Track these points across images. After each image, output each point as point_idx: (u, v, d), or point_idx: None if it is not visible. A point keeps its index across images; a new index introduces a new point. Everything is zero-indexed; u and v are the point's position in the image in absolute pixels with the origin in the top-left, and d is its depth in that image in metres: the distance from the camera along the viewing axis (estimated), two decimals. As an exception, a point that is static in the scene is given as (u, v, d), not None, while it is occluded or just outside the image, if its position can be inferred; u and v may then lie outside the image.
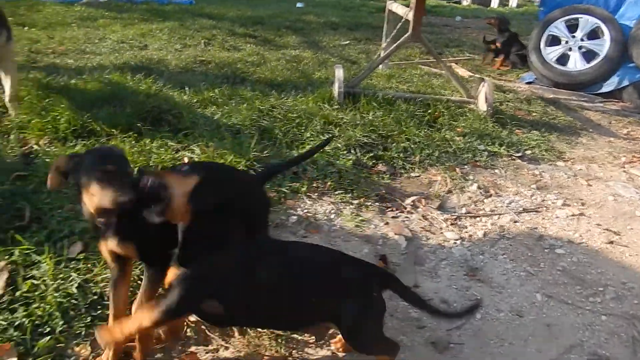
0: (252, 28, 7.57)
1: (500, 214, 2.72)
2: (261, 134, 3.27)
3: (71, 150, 2.71)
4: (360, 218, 2.60)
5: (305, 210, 2.60)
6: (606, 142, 4.05)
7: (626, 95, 5.18)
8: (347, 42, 7.27)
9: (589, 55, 5.43)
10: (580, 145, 3.89)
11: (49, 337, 1.57)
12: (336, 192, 2.80)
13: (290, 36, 7.29)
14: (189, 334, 1.73)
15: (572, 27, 5.59)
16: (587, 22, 5.46)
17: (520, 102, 4.72)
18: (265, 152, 3.01)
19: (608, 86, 5.27)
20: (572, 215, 2.76)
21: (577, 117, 4.61)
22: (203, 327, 1.76)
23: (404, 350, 1.76)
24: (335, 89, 4.04)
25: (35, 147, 2.74)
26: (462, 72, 5.69)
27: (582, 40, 5.49)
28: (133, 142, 2.95)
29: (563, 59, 5.58)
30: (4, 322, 1.58)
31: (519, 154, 3.49)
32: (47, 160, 2.56)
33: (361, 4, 12.69)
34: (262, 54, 5.86)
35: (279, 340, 1.74)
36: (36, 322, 1.61)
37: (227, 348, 1.70)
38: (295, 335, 1.77)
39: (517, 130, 3.93)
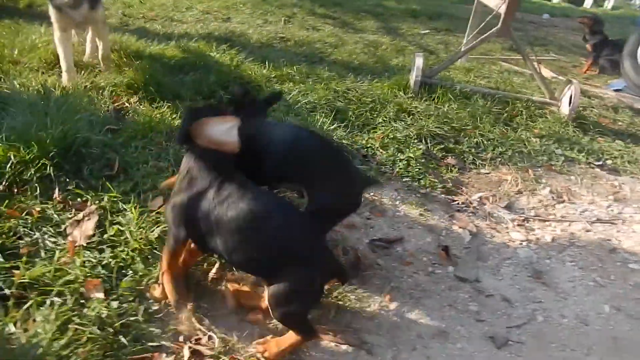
0: (332, 9, 7.58)
1: (571, 221, 2.63)
2: (335, 114, 3.31)
3: (158, 110, 2.87)
4: (425, 207, 2.60)
5: (372, 194, 2.63)
6: (699, 161, 3.78)
7: None
8: (427, 31, 7.13)
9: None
10: (668, 161, 3.66)
11: (130, 278, 1.71)
12: (403, 179, 2.81)
13: (369, 20, 7.25)
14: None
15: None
16: (695, 30, 5.06)
17: (606, 109, 4.48)
18: (337, 132, 3.06)
19: None
20: (651, 232, 2.63)
21: (669, 131, 4.33)
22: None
23: (460, 340, 1.77)
24: (412, 77, 4.00)
25: (127, 104, 2.92)
26: (546, 72, 5.46)
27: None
28: (213, 109, 3.08)
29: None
30: (93, 260, 1.72)
31: (599, 163, 3.34)
32: (136, 117, 2.73)
33: (443, -7, 12.35)
34: (340, 36, 5.88)
35: (339, 312, 1.80)
36: (120, 264, 1.75)
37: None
38: (355, 309, 1.83)
39: (599, 138, 3.74)
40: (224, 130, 1.49)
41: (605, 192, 3.00)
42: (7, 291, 1.53)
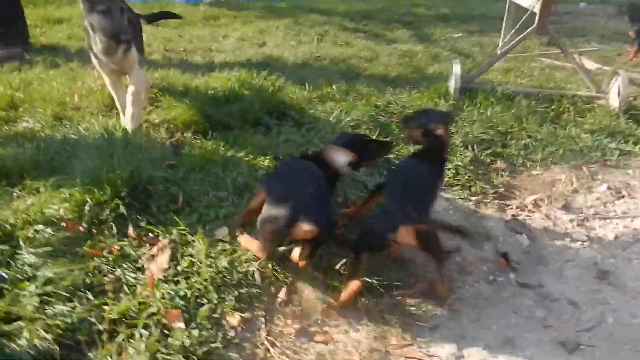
0: (362, 22, 7.67)
1: (634, 217, 2.58)
2: (379, 130, 3.37)
3: (211, 142, 3.01)
4: (479, 215, 2.61)
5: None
6: None
7: None
8: (460, 34, 7.10)
9: None
10: None
11: (206, 306, 1.81)
12: (453, 189, 2.83)
13: (400, 30, 7.28)
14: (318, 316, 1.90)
15: None
16: None
17: (658, 96, 4.34)
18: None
19: None
20: None
21: None
22: (331, 309, 1.91)
23: (529, 348, 1.78)
24: (452, 85, 4.01)
25: (181, 139, 3.08)
26: (589, 64, 5.33)
27: None
28: (261, 136, 3.20)
29: None
30: (171, 292, 1.84)
31: (657, 153, 3.25)
32: (192, 151, 2.88)
33: (473, -8, 12.24)
34: (373, 49, 5.94)
35: (404, 327, 1.85)
36: (196, 294, 1.86)
37: (357, 330, 1.83)
38: (420, 322, 1.87)
39: (654, 128, 3.64)
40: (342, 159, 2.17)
41: (667, 184, 2.93)
42: (100, 327, 1.66)
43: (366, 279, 1.92)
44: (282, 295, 1.95)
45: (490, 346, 1.79)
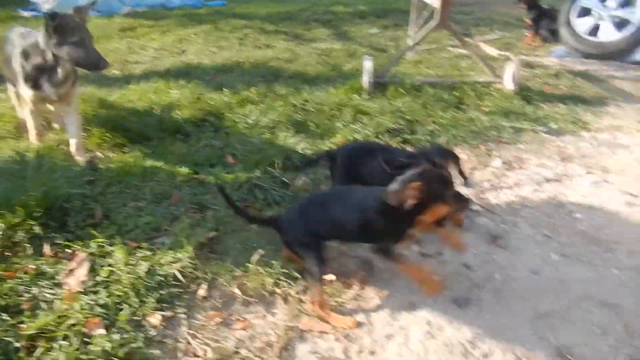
0: (282, 24, 7.82)
1: (522, 185, 2.87)
2: (296, 128, 3.52)
3: (129, 154, 3.05)
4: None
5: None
6: (635, 110, 4.06)
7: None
8: (376, 30, 7.40)
9: (621, 24, 5.37)
10: (607, 115, 3.95)
11: (127, 311, 1.89)
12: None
13: (319, 29, 7.49)
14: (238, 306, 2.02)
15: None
16: (619, -11, 5.39)
17: (549, 77, 4.77)
18: (300, 145, 3.27)
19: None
20: (594, 182, 2.88)
21: (607, 87, 4.62)
22: (250, 299, 2.04)
23: (427, 308, 1.98)
24: (365, 80, 4.23)
25: (98, 154, 3.11)
26: (491, 51, 5.75)
27: (614, 9, 5.43)
28: (181, 144, 3.27)
29: (594, 31, 5.54)
30: (91, 302, 1.90)
31: (544, 128, 3.60)
32: (110, 165, 2.92)
33: (389, -12, 12.69)
34: (293, 49, 6.10)
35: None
36: (116, 300, 1.93)
37: (274, 314, 1.97)
38: (331, 300, 2.03)
39: (543, 105, 4.01)
40: None
41: (552, 154, 3.26)
42: (16, 344, 1.70)
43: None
44: (202, 292, 2.05)
45: (394, 310, 1.97)
